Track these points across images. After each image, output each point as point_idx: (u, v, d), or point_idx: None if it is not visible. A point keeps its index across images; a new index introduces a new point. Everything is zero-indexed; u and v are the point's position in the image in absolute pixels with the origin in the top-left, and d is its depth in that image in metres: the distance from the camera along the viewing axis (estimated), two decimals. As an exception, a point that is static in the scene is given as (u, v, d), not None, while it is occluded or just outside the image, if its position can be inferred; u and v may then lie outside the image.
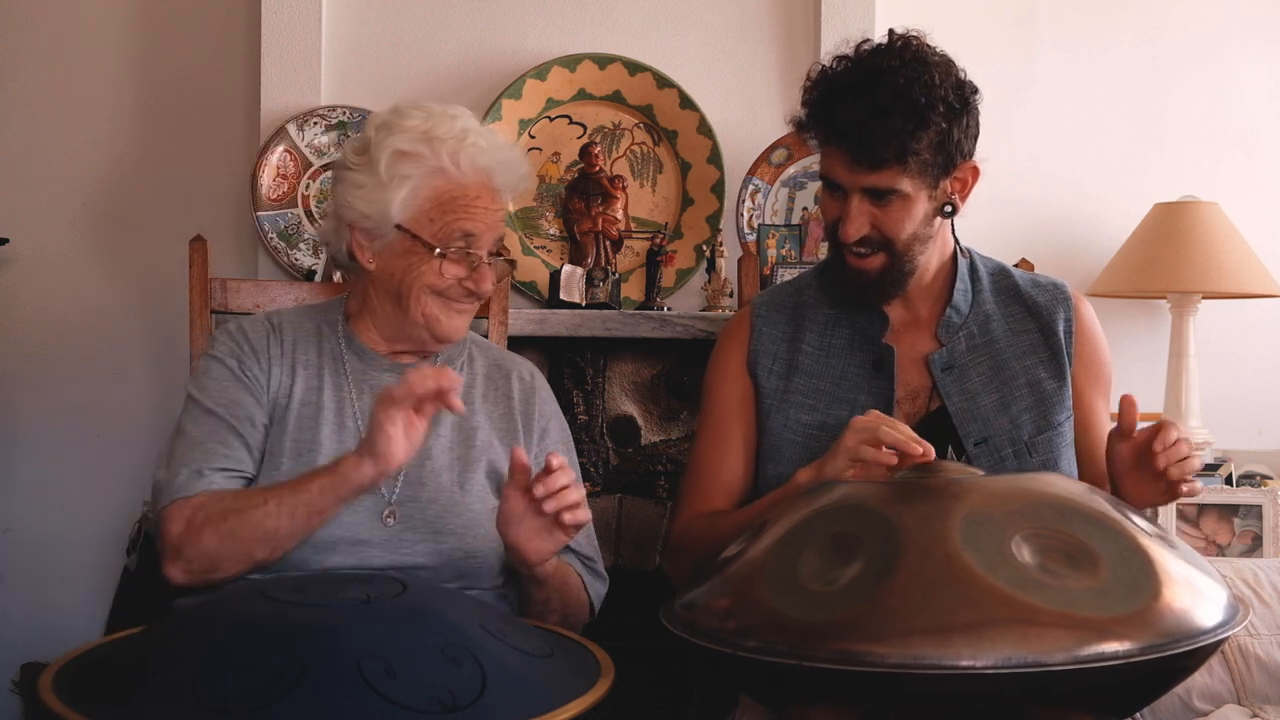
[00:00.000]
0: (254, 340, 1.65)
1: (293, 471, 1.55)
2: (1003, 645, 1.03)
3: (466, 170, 1.59)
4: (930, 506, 1.18)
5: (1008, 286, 1.78)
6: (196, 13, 2.78)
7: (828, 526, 1.21)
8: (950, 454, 1.64)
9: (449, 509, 1.59)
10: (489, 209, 1.61)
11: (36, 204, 2.75)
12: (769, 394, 1.73)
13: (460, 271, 1.60)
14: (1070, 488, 1.27)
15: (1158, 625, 1.07)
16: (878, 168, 1.59)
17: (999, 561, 1.09)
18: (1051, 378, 1.72)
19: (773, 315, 1.78)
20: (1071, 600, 1.06)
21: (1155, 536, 1.21)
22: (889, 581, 1.09)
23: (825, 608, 1.10)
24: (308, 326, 1.69)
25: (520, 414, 1.71)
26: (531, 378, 1.77)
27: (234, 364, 1.62)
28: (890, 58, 1.60)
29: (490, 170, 1.61)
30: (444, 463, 1.63)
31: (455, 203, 1.59)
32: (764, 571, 1.19)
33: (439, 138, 1.59)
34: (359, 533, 1.55)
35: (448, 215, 1.59)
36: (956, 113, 1.60)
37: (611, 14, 2.73)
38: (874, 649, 1.04)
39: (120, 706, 1.11)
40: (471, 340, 1.78)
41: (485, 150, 1.61)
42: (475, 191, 1.60)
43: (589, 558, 1.70)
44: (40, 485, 2.77)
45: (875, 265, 1.67)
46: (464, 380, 1.69)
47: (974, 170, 1.67)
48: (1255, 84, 2.92)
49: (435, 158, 1.58)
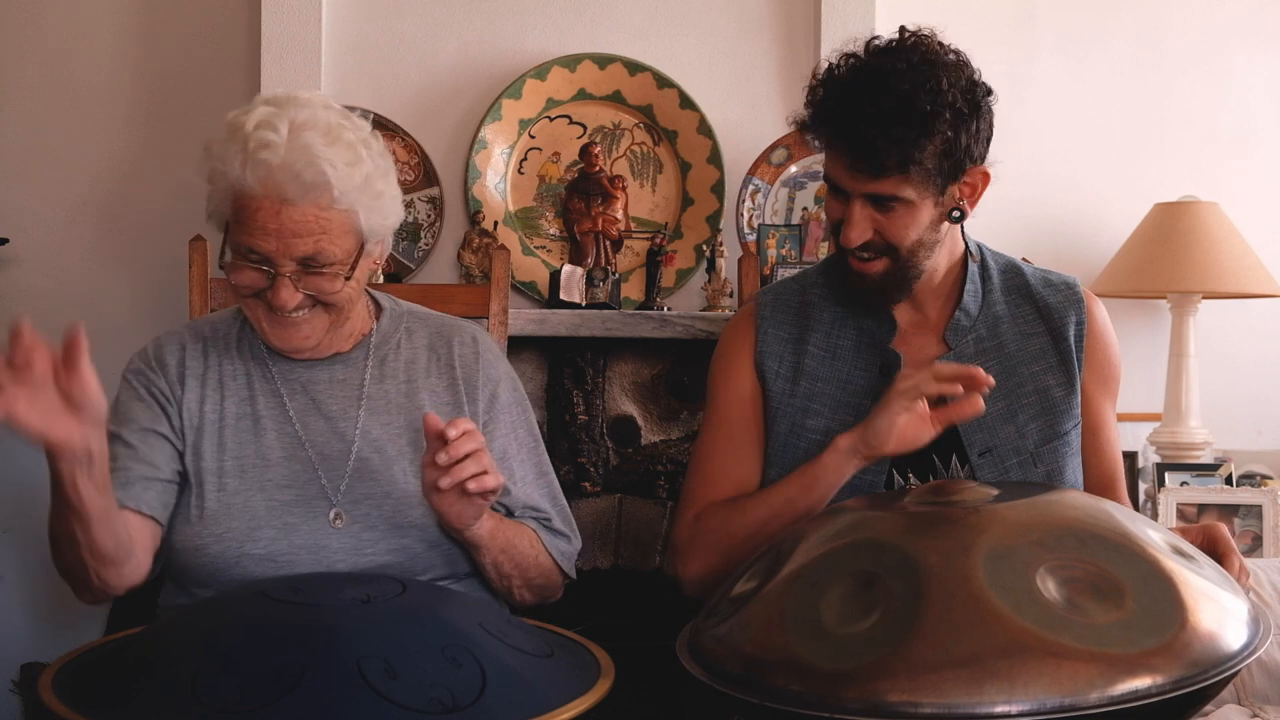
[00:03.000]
0: (165, 355, 1.61)
1: (239, 490, 1.53)
2: (1035, 689, 1.02)
3: (250, 179, 1.45)
4: (951, 541, 1.16)
5: (1019, 285, 1.72)
6: (196, 12, 2.77)
7: (847, 564, 1.19)
8: (955, 464, 1.64)
9: (404, 501, 1.55)
10: (271, 223, 1.45)
11: (36, 204, 2.75)
12: (775, 397, 1.69)
13: (258, 281, 1.49)
14: (1087, 508, 1.26)
15: (1187, 656, 1.07)
16: (879, 175, 1.54)
17: (1025, 600, 1.08)
18: (1060, 385, 1.67)
19: (777, 315, 1.74)
20: (1101, 637, 1.06)
21: (1173, 553, 1.20)
22: (916, 626, 1.08)
23: (851, 654, 1.09)
24: (232, 333, 1.64)
25: (463, 380, 1.64)
26: (475, 341, 1.68)
27: (141, 379, 1.60)
28: (897, 59, 1.54)
29: (274, 180, 1.44)
30: (393, 453, 1.58)
31: (242, 214, 1.47)
32: (785, 614, 1.17)
33: (235, 140, 1.47)
34: (318, 539, 1.52)
35: (239, 227, 1.48)
36: (965, 118, 1.54)
37: (611, 14, 2.73)
38: (906, 698, 1.03)
39: (120, 706, 1.11)
40: (409, 313, 1.70)
41: (275, 158, 1.44)
42: (256, 204, 1.46)
43: (544, 514, 1.64)
44: (40, 485, 2.76)
45: (878, 270, 1.62)
46: (405, 358, 1.65)
47: (984, 175, 1.62)
48: (1255, 84, 2.92)
49: (228, 164, 1.46)
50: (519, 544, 1.58)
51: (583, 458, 2.57)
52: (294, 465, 1.56)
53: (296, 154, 1.45)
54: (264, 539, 1.51)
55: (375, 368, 1.63)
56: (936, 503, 1.27)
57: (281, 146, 1.44)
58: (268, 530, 1.52)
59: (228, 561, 1.50)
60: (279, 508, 1.53)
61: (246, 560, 1.50)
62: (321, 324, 1.55)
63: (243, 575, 1.50)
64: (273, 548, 1.51)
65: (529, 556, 1.60)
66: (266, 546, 1.51)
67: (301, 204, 1.46)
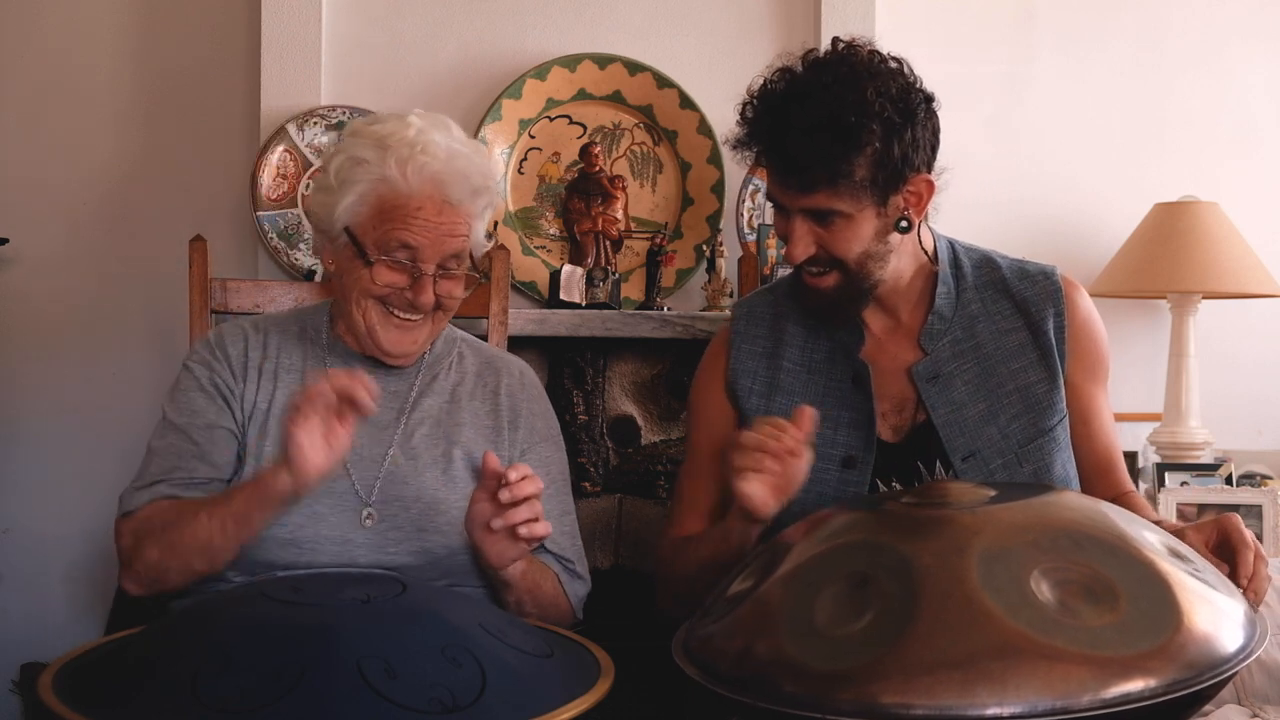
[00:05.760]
0: (228, 348, 1.66)
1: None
2: (1028, 691, 1.02)
3: (412, 180, 1.56)
4: (945, 542, 1.16)
5: (994, 280, 1.70)
6: (196, 12, 2.77)
7: (842, 565, 1.19)
8: (939, 469, 1.62)
9: (433, 507, 1.60)
10: (433, 221, 1.57)
11: (36, 204, 2.75)
12: (751, 415, 1.68)
13: (399, 280, 1.57)
14: (1084, 509, 1.26)
15: (1182, 658, 1.06)
16: (809, 190, 1.53)
17: (1020, 602, 1.08)
18: (1041, 380, 1.65)
19: (751, 330, 1.73)
20: (1094, 639, 1.05)
21: (1170, 555, 1.19)
22: (909, 627, 1.08)
23: (845, 655, 1.09)
24: (293, 330, 1.70)
25: (506, 412, 1.71)
26: (521, 376, 1.76)
27: (203, 373, 1.64)
28: (823, 73, 1.53)
29: (442, 181, 1.57)
30: (427, 460, 1.63)
31: (396, 212, 1.56)
32: (779, 614, 1.17)
33: (391, 146, 1.57)
34: (345, 531, 1.56)
35: (387, 224, 1.56)
36: (897, 127, 1.51)
37: (611, 14, 2.73)
38: (899, 699, 1.03)
39: (120, 706, 1.11)
40: (462, 339, 1.78)
41: (439, 160, 1.57)
42: (418, 202, 1.56)
43: (568, 559, 1.69)
44: (40, 485, 2.77)
45: (830, 284, 1.61)
46: (453, 379, 1.71)
47: (928, 184, 1.58)
48: (1255, 84, 2.92)
49: (382, 165, 1.56)
50: (544, 586, 1.62)
51: (583, 458, 2.57)
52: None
53: (461, 161, 1.59)
54: (290, 523, 1.54)
55: (424, 384, 1.69)
56: (932, 503, 1.27)
57: (444, 152, 1.57)
58: (295, 515, 1.54)
59: (250, 543, 1.52)
60: (309, 497, 1.54)
61: (270, 542, 1.53)
62: (428, 331, 1.64)
63: (265, 557, 1.53)
64: (299, 533, 1.54)
65: (549, 598, 1.63)
66: (292, 532, 1.54)
67: (461, 207, 1.59)
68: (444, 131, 1.60)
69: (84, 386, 2.76)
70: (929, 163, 1.58)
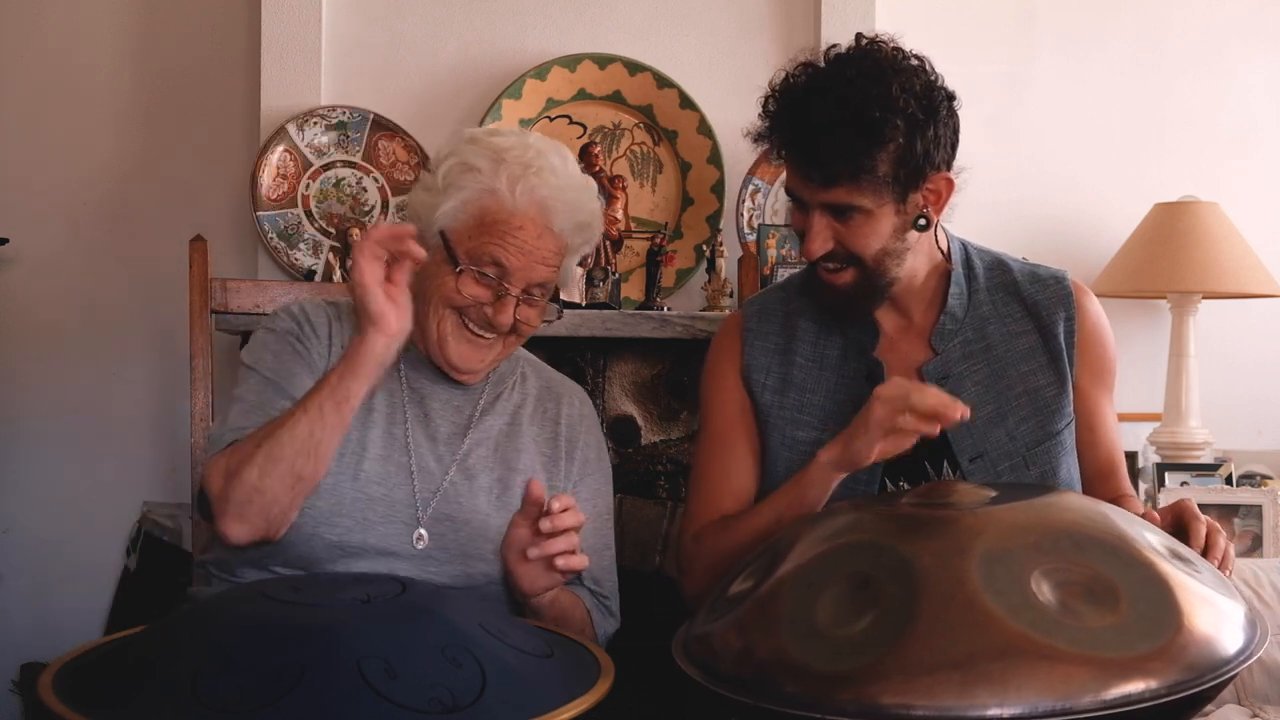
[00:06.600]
0: (315, 320, 1.63)
1: (332, 473, 1.52)
2: (1028, 692, 1.02)
3: (520, 198, 1.54)
4: (946, 542, 1.16)
5: (1006, 283, 1.70)
6: (196, 13, 2.78)
7: (843, 565, 1.19)
8: (946, 469, 1.63)
9: (481, 532, 1.57)
10: (530, 244, 1.54)
11: (36, 204, 2.76)
12: (764, 409, 1.69)
13: (483, 295, 1.55)
14: (1085, 510, 1.26)
15: (1182, 660, 1.06)
16: (831, 184, 1.52)
17: (1020, 603, 1.08)
18: (1051, 384, 1.65)
19: (763, 327, 1.73)
20: (1095, 641, 1.06)
21: (1171, 556, 1.19)
22: (910, 628, 1.08)
23: (846, 655, 1.09)
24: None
25: (566, 438, 1.69)
26: (581, 406, 1.74)
27: (291, 337, 1.61)
28: (847, 67, 1.52)
29: (548, 207, 1.55)
30: (484, 483, 1.61)
31: (496, 227, 1.54)
32: (780, 615, 1.17)
33: (506, 160, 1.55)
34: (390, 544, 1.54)
35: (484, 236, 1.54)
36: (920, 124, 1.50)
37: (611, 14, 2.73)
38: (900, 700, 1.03)
39: (120, 706, 1.11)
40: (525, 359, 1.76)
41: (550, 186, 1.55)
42: (520, 221, 1.54)
43: (604, 595, 1.67)
44: (40, 485, 2.77)
45: (847, 280, 1.60)
46: (515, 400, 1.69)
47: (948, 182, 1.58)
48: (1255, 84, 2.92)
49: (493, 177, 1.54)
50: (572, 618, 1.60)
51: (583, 458, 2.57)
52: (389, 466, 1.57)
53: (572, 193, 1.57)
54: (340, 527, 1.52)
55: (488, 402, 1.67)
56: (933, 504, 1.27)
57: (557, 179, 1.56)
58: (346, 520, 1.52)
59: (301, 536, 1.50)
60: (364, 502, 1.54)
61: (317, 541, 1.51)
62: (498, 353, 1.61)
63: (309, 554, 1.51)
64: (346, 538, 1.52)
65: (575, 630, 1.60)
66: (341, 535, 1.52)
67: (561, 236, 1.57)
68: (561, 159, 1.59)
69: (84, 386, 2.76)
70: (949, 161, 1.58)
